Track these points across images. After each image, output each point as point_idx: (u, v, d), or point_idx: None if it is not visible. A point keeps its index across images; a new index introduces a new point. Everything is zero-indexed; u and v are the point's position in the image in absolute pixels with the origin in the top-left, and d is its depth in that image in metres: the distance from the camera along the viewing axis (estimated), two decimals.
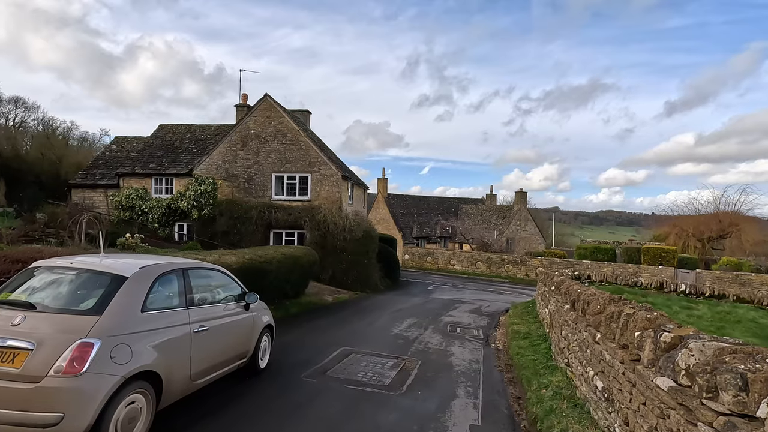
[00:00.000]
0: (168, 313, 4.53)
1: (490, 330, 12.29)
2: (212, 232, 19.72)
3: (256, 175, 20.56)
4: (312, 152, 20.19)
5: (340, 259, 18.81)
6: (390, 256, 25.59)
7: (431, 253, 38.90)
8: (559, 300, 8.56)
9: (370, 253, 19.84)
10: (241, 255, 10.76)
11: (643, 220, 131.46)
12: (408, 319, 12.90)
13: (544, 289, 11.42)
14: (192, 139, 23.00)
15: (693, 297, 15.68)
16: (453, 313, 15.02)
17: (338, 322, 11.77)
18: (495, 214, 46.06)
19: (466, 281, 30.98)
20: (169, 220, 20.59)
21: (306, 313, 12.70)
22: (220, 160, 20.76)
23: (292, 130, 20.38)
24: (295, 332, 9.90)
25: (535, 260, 34.06)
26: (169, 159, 21.77)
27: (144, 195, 20.69)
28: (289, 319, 11.54)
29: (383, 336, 10.34)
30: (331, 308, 14.11)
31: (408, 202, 48.43)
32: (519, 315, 12.75)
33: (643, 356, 3.65)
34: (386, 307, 15.44)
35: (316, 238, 18.95)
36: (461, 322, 13.10)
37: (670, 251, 29.34)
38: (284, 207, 19.90)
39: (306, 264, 13.58)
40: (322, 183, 20.13)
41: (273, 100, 20.53)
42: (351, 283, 18.93)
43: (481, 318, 14.30)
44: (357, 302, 16.22)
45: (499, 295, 23.22)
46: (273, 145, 20.47)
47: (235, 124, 20.70)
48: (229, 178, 20.69)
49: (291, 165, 20.36)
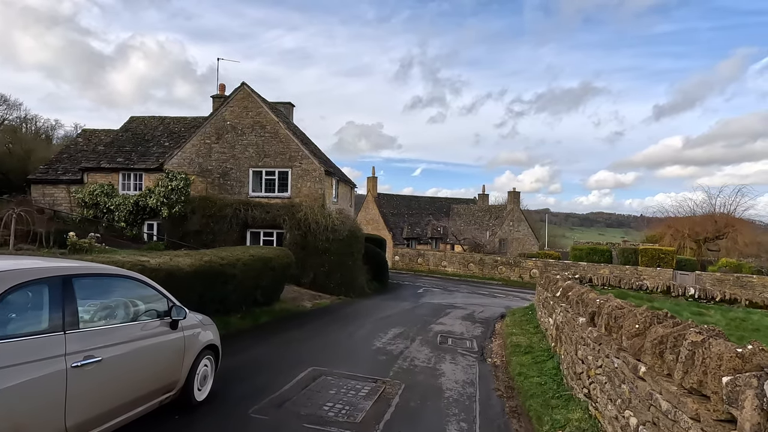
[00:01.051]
0: (21, 344, 3.07)
1: (485, 341, 10.93)
2: (183, 231, 18.15)
3: (232, 170, 19.03)
4: (293, 145, 18.72)
5: (323, 261, 17.35)
6: (378, 258, 24.19)
7: (422, 255, 37.57)
8: (568, 310, 7.23)
9: (356, 254, 18.41)
10: (199, 257, 9.28)
11: (633, 222, 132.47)
12: (394, 328, 11.49)
13: (547, 295, 10.09)
14: (165, 132, 21.40)
15: (703, 302, 14.51)
16: (444, 320, 13.65)
17: (313, 333, 10.32)
18: (487, 215, 44.89)
19: (458, 284, 29.69)
20: (137, 219, 18.97)
21: (278, 322, 11.24)
22: (194, 153, 19.20)
23: (271, 121, 18.89)
24: (258, 348, 8.44)
25: (529, 262, 32.89)
26: (138, 153, 20.15)
27: (110, 191, 19.05)
28: (256, 331, 10.06)
29: (363, 350, 8.91)
30: (308, 316, 12.65)
31: (398, 202, 47.07)
32: (517, 324, 11.42)
33: (743, 420, 2.29)
34: (371, 314, 14.02)
35: (296, 238, 17.48)
36: (453, 332, 11.73)
37: (668, 252, 28.32)
38: (262, 204, 18.40)
39: (279, 266, 12.13)
40: (304, 179, 18.66)
41: (250, 89, 19.04)
42: (334, 287, 17.48)
43: (474, 326, 12.95)
44: (339, 308, 14.78)
45: (492, 299, 21.93)
46: (250, 138, 18.96)
47: (210, 114, 19.18)
48: (202, 173, 19.13)
49: (270, 159, 18.87)
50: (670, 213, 42.70)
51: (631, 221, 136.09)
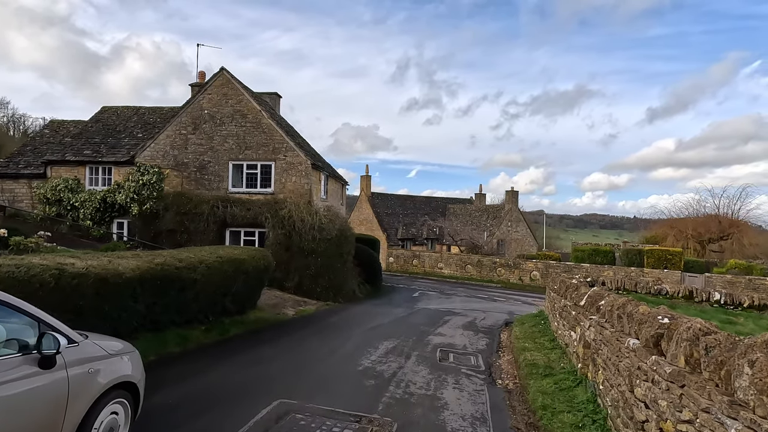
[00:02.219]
0: None
1: (492, 356, 9.39)
2: (155, 231, 16.47)
3: (210, 164, 17.38)
4: (276, 136, 17.11)
5: (308, 263, 15.74)
6: (371, 260, 22.62)
7: (417, 256, 36.04)
8: (604, 326, 5.70)
9: (345, 256, 16.82)
10: (150, 259, 7.66)
11: (626, 223, 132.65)
12: (386, 341, 9.91)
13: (566, 304, 8.57)
14: (139, 122, 19.71)
15: (730, 308, 13.14)
16: (443, 329, 12.10)
17: (290, 348, 8.72)
18: (485, 215, 43.46)
19: (455, 286, 28.18)
20: (104, 217, 17.25)
21: (250, 335, 9.61)
22: (168, 145, 17.53)
23: (253, 110, 17.27)
24: (217, 371, 6.83)
25: (529, 263, 31.46)
26: (108, 145, 18.44)
27: (75, 186, 17.32)
28: (221, 346, 8.44)
29: (348, 373, 7.33)
30: (287, 327, 11.04)
31: (393, 201, 45.51)
32: (528, 335, 9.88)
33: None
34: (361, 323, 12.44)
35: (279, 237, 15.86)
36: (454, 344, 10.17)
37: (676, 254, 26.99)
38: (243, 201, 16.76)
39: (254, 270, 10.51)
40: (288, 173, 17.05)
41: (230, 74, 17.41)
42: (321, 292, 15.87)
43: (477, 336, 11.41)
44: (325, 317, 13.17)
45: (493, 303, 20.42)
46: (230, 128, 17.32)
47: (186, 102, 17.52)
48: (177, 166, 17.46)
49: (251, 151, 17.24)
50: (673, 213, 41.65)
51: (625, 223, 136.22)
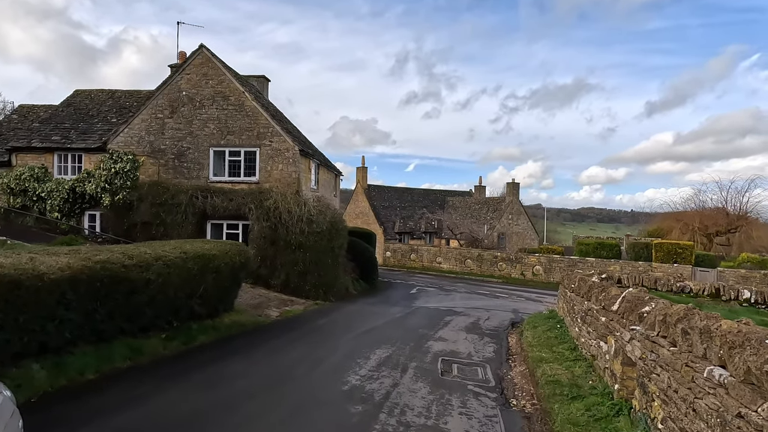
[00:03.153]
0: None
1: (502, 366, 8.08)
2: (129, 223, 15.07)
3: (189, 150, 15.93)
4: (261, 120, 15.66)
5: (296, 258, 14.37)
6: (366, 254, 21.29)
7: (415, 250, 34.74)
8: (659, 342, 4.36)
9: (337, 250, 15.46)
10: (89, 256, 6.27)
11: (623, 217, 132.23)
12: (379, 349, 8.58)
13: (590, 307, 7.24)
14: (114, 106, 18.21)
15: (762, 307, 11.88)
16: (444, 332, 10.78)
17: (264, 361, 7.37)
18: (485, 208, 42.12)
19: (455, 282, 26.90)
20: (74, 209, 15.82)
21: (220, 344, 8.26)
22: (143, 130, 16.06)
23: (236, 91, 15.80)
24: (162, 398, 5.47)
25: (531, 258, 30.19)
26: (79, 130, 16.95)
27: (41, 175, 15.86)
28: (181, 360, 7.09)
29: (330, 395, 5.99)
30: (267, 332, 9.68)
31: (390, 194, 44.10)
32: (543, 341, 8.55)
33: None
34: (352, 326, 11.10)
35: (264, 230, 14.48)
36: (457, 352, 8.86)
37: (686, 247, 25.73)
38: (225, 191, 15.35)
39: (228, 267, 9.14)
40: (275, 160, 15.63)
41: (211, 53, 15.92)
42: (310, 290, 14.53)
43: (483, 341, 10.10)
44: (312, 318, 11.83)
45: (496, 301, 19.14)
46: (211, 111, 15.86)
47: (162, 83, 16.04)
48: (154, 153, 16.01)
49: (234, 137, 15.80)
50: (679, 206, 40.43)
51: (622, 216, 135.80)
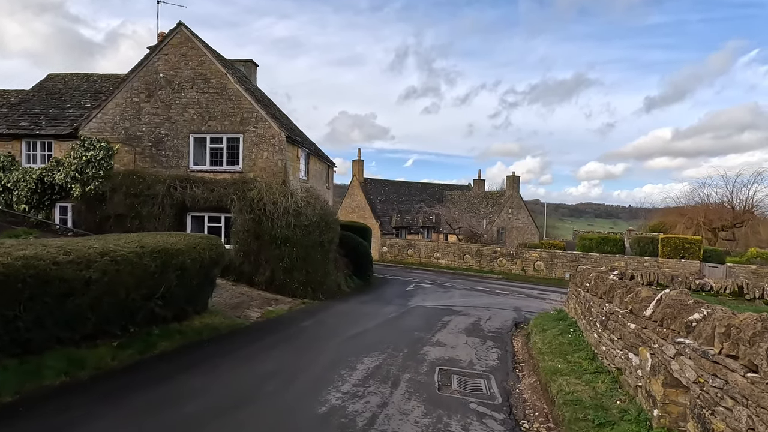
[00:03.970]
0: None
1: (509, 377, 7.02)
2: (102, 216, 13.93)
3: (167, 137, 14.77)
4: (245, 104, 14.49)
5: (282, 254, 13.27)
6: (360, 249, 20.21)
7: (413, 245, 33.69)
8: (728, 365, 3.28)
9: (327, 245, 14.36)
10: (9, 251, 5.15)
11: (621, 212, 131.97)
12: (368, 357, 7.51)
13: (613, 310, 6.17)
14: (89, 91, 16.99)
15: None
16: (441, 335, 9.72)
17: (230, 375, 6.28)
18: (484, 201, 41.06)
19: (453, 278, 25.88)
20: (43, 200, 14.66)
21: (184, 352, 7.17)
22: (118, 115, 14.88)
23: (217, 73, 14.61)
24: (91, 429, 4.37)
25: (532, 253, 29.18)
26: (50, 116, 15.76)
27: (8, 164, 14.69)
28: (128, 374, 5.99)
29: (300, 421, 4.90)
30: (242, 337, 8.59)
31: (387, 187, 42.97)
32: (556, 349, 7.48)
33: None
34: (340, 329, 10.03)
35: (247, 223, 13.36)
36: (457, 359, 7.80)
37: (694, 242, 24.72)
38: (206, 181, 14.21)
39: (195, 264, 8.03)
40: (259, 147, 14.48)
41: (190, 31, 14.71)
42: (297, 287, 13.44)
43: (485, 346, 9.04)
44: (297, 320, 10.74)
45: (496, 298, 18.10)
46: (191, 95, 14.68)
47: (138, 64, 14.83)
48: (129, 140, 14.84)
49: (216, 122, 14.63)
50: (683, 201, 39.44)
51: (620, 212, 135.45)
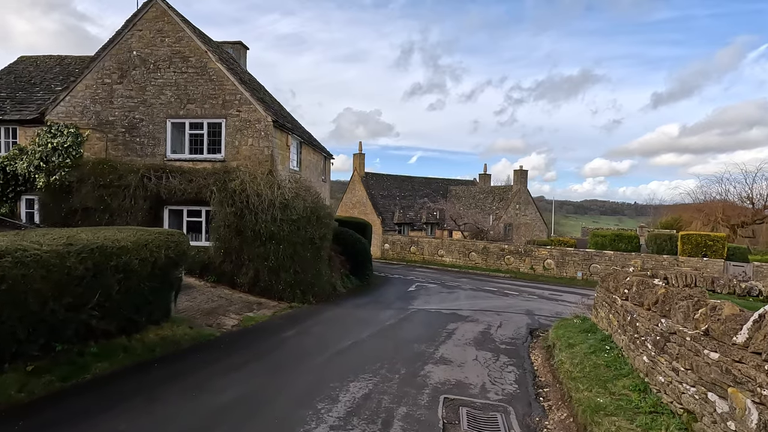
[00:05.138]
0: None
1: (533, 411, 5.54)
2: (68, 209, 12.52)
3: (142, 122, 13.33)
4: (227, 85, 13.01)
5: (267, 252, 11.82)
6: (358, 247, 18.76)
7: (416, 242, 32.20)
8: None
9: (318, 242, 12.89)
10: None
11: (626, 209, 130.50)
12: (355, 381, 6.04)
13: (671, 328, 4.67)
14: (61, 73, 15.58)
15: None
16: (447, 349, 8.24)
17: (165, 412, 4.83)
18: (490, 197, 39.45)
19: (459, 277, 24.38)
20: (6, 192, 13.29)
21: (124, 375, 5.73)
22: (88, 98, 13.45)
23: (197, 51, 13.14)
24: None
25: (542, 251, 27.60)
26: (15, 100, 14.37)
27: None
28: (37, 409, 4.57)
29: None
30: (207, 352, 7.14)
31: (389, 182, 41.45)
32: (591, 373, 5.97)
33: None
34: (327, 341, 8.55)
35: (228, 218, 11.91)
36: (466, 384, 6.32)
37: (718, 239, 23.06)
38: (184, 171, 12.77)
39: (146, 265, 6.58)
40: (243, 133, 13.01)
41: (167, 4, 13.22)
42: (284, 289, 11.99)
43: (499, 362, 7.56)
44: (278, 329, 9.28)
45: (506, 300, 16.58)
46: (168, 75, 13.21)
47: (109, 41, 13.39)
48: (101, 126, 13.42)
49: (196, 106, 13.17)
50: (700, 197, 37.69)
51: (625, 209, 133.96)
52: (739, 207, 34.63)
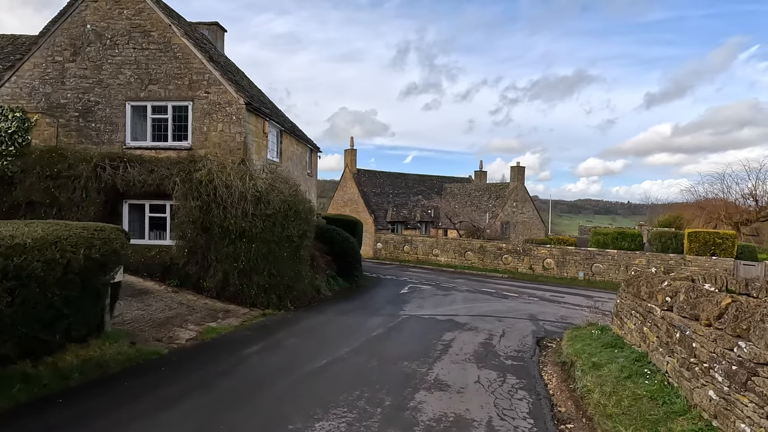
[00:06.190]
0: None
1: None
2: (10, 203, 10.98)
3: (98, 106, 11.80)
4: (194, 63, 11.52)
5: (237, 252, 10.34)
6: (346, 246, 17.30)
7: (409, 241, 30.81)
8: None
9: (298, 240, 11.42)
10: None
11: (620, 208, 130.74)
12: (324, 421, 4.61)
13: (760, 355, 3.30)
14: (13, 53, 13.97)
15: None
16: (442, 368, 6.83)
17: None
18: (486, 194, 38.14)
19: (454, 277, 23.01)
20: None
21: (16, 415, 4.25)
22: (37, 78, 11.90)
23: (160, 24, 11.63)
24: None
25: (542, 249, 26.30)
26: None
27: None
28: None
29: None
30: (138, 378, 5.66)
31: (382, 179, 40.01)
32: (627, 404, 4.58)
33: None
34: (297, 359, 7.09)
35: (193, 212, 10.42)
36: (468, 420, 4.91)
37: (727, 237, 21.88)
38: (145, 160, 11.26)
39: (53, 268, 5.11)
40: (212, 118, 11.52)
41: None
42: (258, 294, 10.52)
43: (506, 386, 6.16)
44: (241, 343, 7.81)
45: (505, 302, 15.21)
46: (127, 52, 11.70)
47: (60, 14, 11.84)
48: (51, 109, 11.87)
49: (159, 87, 11.66)
50: (701, 194, 36.61)
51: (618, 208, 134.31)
52: (742, 204, 33.65)
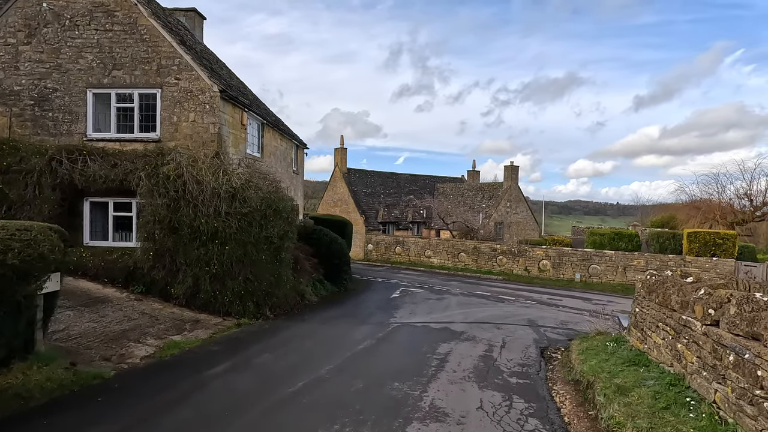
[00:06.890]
0: None
1: None
2: None
3: (56, 93, 10.65)
4: (163, 47, 10.43)
5: (209, 254, 9.27)
6: (333, 247, 16.28)
7: (401, 242, 29.86)
8: None
9: (278, 241, 10.37)
10: None
11: (609, 209, 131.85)
12: None
13: None
14: None
15: None
16: (438, 390, 5.85)
17: None
18: (479, 194, 37.33)
19: (448, 279, 22.08)
20: None
21: None
22: None
23: (125, 3, 10.52)
24: None
25: (537, 251, 25.50)
26: None
27: None
28: None
29: None
30: (71, 410, 4.61)
31: (373, 179, 39.02)
32: None
33: None
34: (270, 383, 6.06)
35: (160, 211, 9.33)
36: None
37: (728, 237, 21.24)
38: (108, 153, 10.15)
39: None
40: (183, 107, 10.44)
41: None
42: (232, 302, 9.46)
43: (514, 412, 5.23)
44: (207, 361, 6.75)
45: (502, 307, 14.30)
46: (88, 34, 10.57)
47: None
48: (4, 97, 10.70)
49: (124, 72, 10.55)
50: (696, 195, 36.23)
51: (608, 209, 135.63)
52: (737, 205, 33.27)
